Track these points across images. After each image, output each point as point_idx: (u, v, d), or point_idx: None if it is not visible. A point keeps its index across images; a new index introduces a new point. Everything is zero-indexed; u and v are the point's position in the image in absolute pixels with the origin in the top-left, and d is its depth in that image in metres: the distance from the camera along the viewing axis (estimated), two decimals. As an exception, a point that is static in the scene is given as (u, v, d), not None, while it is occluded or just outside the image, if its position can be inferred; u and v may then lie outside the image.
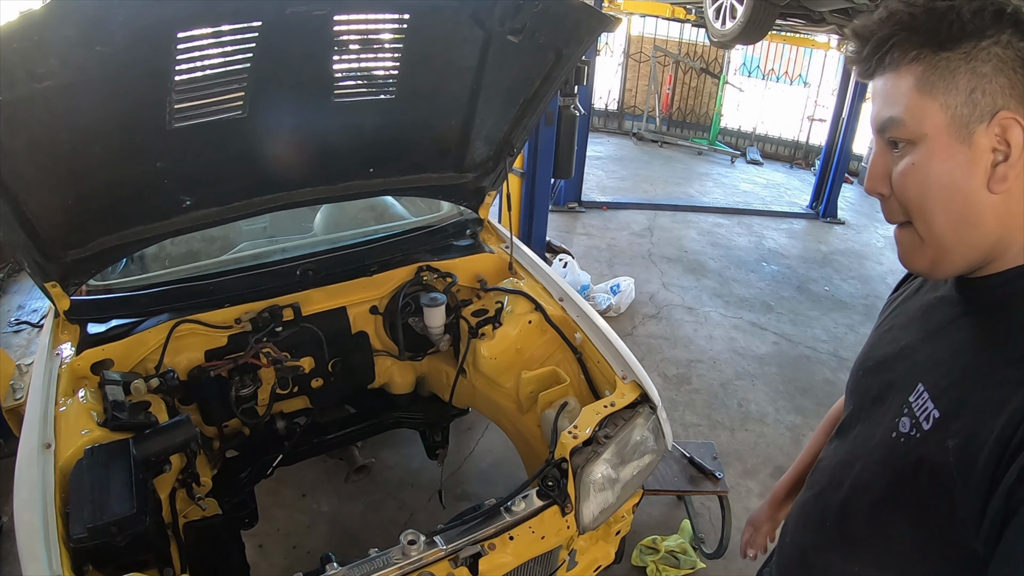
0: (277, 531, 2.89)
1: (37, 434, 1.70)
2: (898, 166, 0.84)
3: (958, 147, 0.79)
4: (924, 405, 0.84)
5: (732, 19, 5.00)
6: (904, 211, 0.86)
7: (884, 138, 0.87)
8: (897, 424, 0.88)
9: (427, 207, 3.15)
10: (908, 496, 0.85)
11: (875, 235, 7.95)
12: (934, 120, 0.79)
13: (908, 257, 0.90)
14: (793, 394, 4.42)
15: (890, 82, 0.83)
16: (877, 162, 0.88)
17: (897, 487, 0.87)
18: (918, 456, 0.83)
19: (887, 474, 0.89)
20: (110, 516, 1.49)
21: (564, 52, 2.15)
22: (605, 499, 1.92)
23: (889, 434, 0.89)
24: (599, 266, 6.00)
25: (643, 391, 2.09)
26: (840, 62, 8.71)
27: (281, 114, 1.97)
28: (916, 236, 0.86)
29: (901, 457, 0.86)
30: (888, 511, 0.90)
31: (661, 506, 3.25)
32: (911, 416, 0.86)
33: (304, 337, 2.40)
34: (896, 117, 0.82)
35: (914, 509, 0.85)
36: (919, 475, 0.82)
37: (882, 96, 0.85)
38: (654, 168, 9.89)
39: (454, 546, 1.64)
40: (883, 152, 0.87)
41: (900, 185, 0.85)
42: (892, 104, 0.83)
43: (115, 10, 1.38)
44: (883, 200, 0.90)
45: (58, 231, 1.91)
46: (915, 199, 0.84)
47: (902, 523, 0.88)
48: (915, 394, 0.87)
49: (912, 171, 0.82)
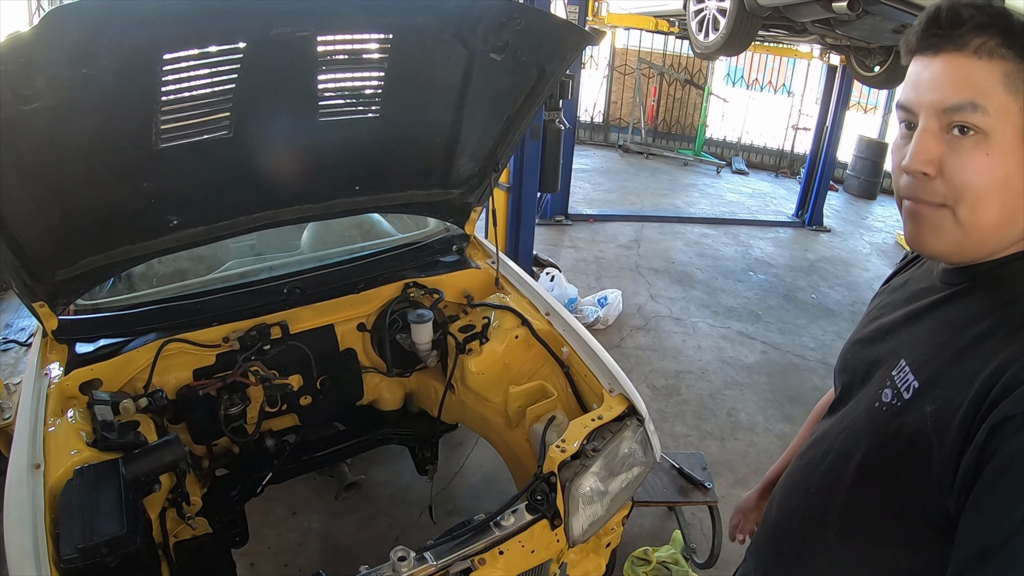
0: (268, 549, 2.87)
1: (26, 454, 1.69)
2: (962, 155, 0.85)
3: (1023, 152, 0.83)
4: (905, 377, 0.91)
5: (715, 31, 5.05)
6: (949, 195, 0.87)
7: (946, 121, 0.86)
8: (880, 395, 0.94)
9: (414, 223, 3.17)
10: (888, 460, 0.91)
11: (861, 242, 8.02)
12: (1014, 120, 0.82)
13: (926, 237, 0.92)
14: (782, 402, 4.44)
15: (975, 65, 0.83)
16: (928, 144, 0.87)
17: (878, 452, 0.93)
18: (899, 423, 0.88)
19: (869, 441, 0.95)
20: (100, 536, 1.48)
21: (547, 68, 2.17)
22: (594, 512, 1.93)
23: (872, 404, 0.96)
24: (587, 279, 6.02)
25: (630, 403, 2.10)
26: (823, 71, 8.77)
27: (267, 133, 1.98)
28: (950, 219, 0.88)
29: (883, 424, 0.92)
30: (869, 475, 0.95)
31: (652, 517, 3.26)
32: (893, 387, 0.92)
33: (292, 355, 2.40)
34: (981, 104, 0.82)
35: (893, 473, 0.90)
36: (899, 440, 0.88)
37: (959, 77, 0.84)
38: (640, 180, 9.94)
39: (444, 562, 1.64)
40: (936, 135, 0.87)
41: (961, 173, 0.85)
42: (975, 90, 0.83)
43: (101, 33, 1.39)
44: (923, 180, 0.89)
45: (46, 251, 1.91)
46: (977, 189, 0.85)
47: (880, 486, 0.92)
48: (897, 368, 0.93)
49: (984, 162, 0.84)
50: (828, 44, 6.66)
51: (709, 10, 5.15)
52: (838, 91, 7.95)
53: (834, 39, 5.86)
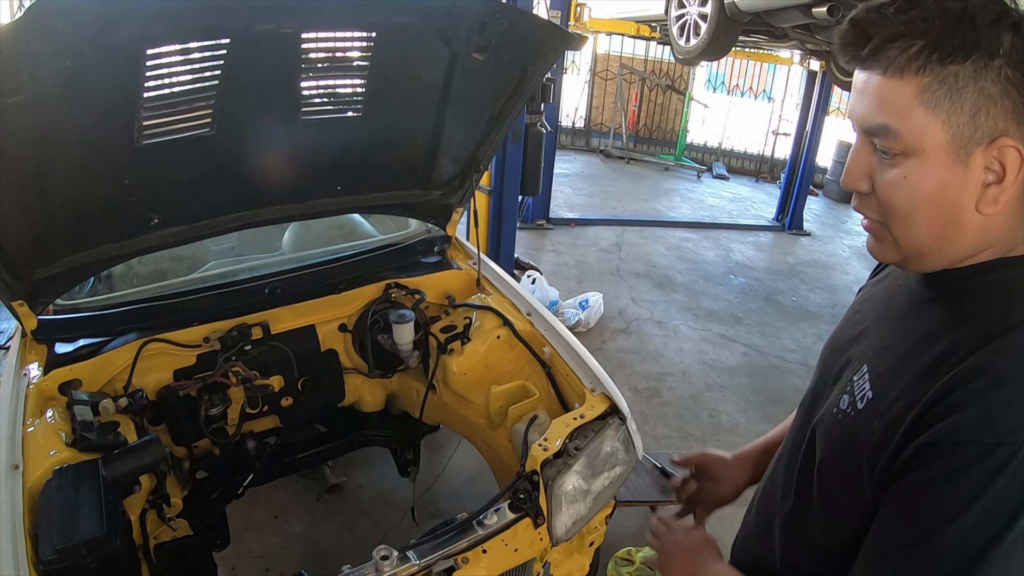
0: (250, 553, 2.85)
1: (5, 455, 1.67)
2: (887, 175, 0.81)
3: (954, 167, 0.77)
4: (863, 386, 0.90)
5: (696, 36, 5.09)
6: (881, 213, 0.85)
7: (870, 139, 0.83)
8: (839, 401, 0.94)
9: (394, 225, 3.16)
10: (841, 464, 0.91)
11: (841, 246, 8.12)
12: (934, 138, 0.76)
13: (879, 251, 0.90)
14: (764, 404, 4.49)
15: (887, 85, 0.77)
16: (859, 159, 0.84)
17: (832, 458, 0.94)
18: (851, 432, 0.89)
19: (826, 447, 0.95)
20: (79, 538, 1.46)
21: (529, 69, 2.18)
22: (577, 511, 1.93)
23: (831, 409, 0.96)
24: (568, 282, 6.04)
25: (612, 403, 2.11)
26: (803, 77, 8.87)
27: (249, 131, 1.97)
28: (888, 234, 0.86)
29: (838, 432, 0.92)
30: (821, 477, 0.96)
31: (635, 517, 3.27)
32: (851, 394, 0.92)
33: (273, 356, 2.38)
34: (893, 128, 0.78)
35: (844, 476, 0.90)
36: (851, 450, 0.88)
37: (874, 97, 0.79)
38: (621, 184, 10.01)
39: (427, 561, 1.64)
40: (866, 150, 0.83)
41: (887, 194, 0.82)
42: (888, 111, 0.78)
43: (86, 26, 1.37)
44: (861, 196, 0.87)
45: (25, 249, 1.89)
46: (901, 209, 0.82)
47: (836, 487, 0.93)
48: (859, 374, 0.92)
49: (904, 184, 0.80)
50: (808, 49, 6.74)
51: (690, 15, 5.19)
52: (818, 96, 8.06)
53: (814, 44, 5.93)
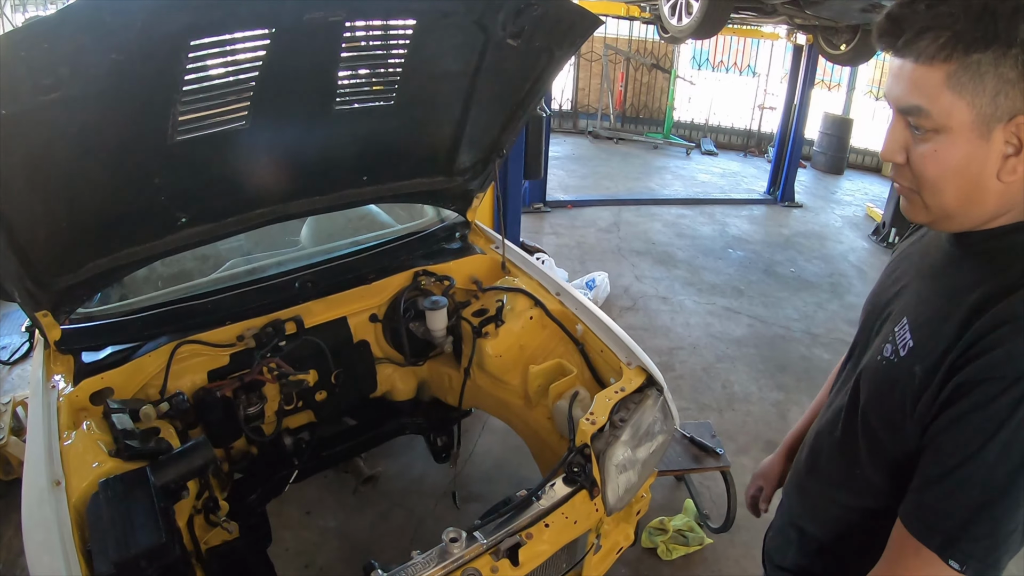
0: (287, 551, 2.84)
1: (44, 472, 1.62)
2: (919, 148, 0.93)
3: (978, 141, 0.88)
4: (904, 335, 1.01)
5: (688, 15, 5.10)
6: (914, 182, 0.96)
7: (905, 118, 0.94)
8: (883, 349, 1.05)
9: (408, 214, 3.16)
10: (884, 405, 1.03)
11: (832, 216, 8.18)
12: (960, 117, 0.87)
13: (912, 213, 1.01)
14: (773, 372, 4.54)
15: (919, 71, 0.89)
16: (896, 135, 0.95)
17: (876, 399, 1.05)
18: (894, 378, 1.00)
19: (870, 390, 1.07)
20: (137, 548, 1.43)
21: (557, 54, 2.19)
22: (628, 479, 1.97)
23: (875, 357, 1.07)
24: (571, 263, 6.05)
25: (649, 375, 2.14)
26: (788, 50, 8.88)
27: (282, 124, 1.96)
28: (920, 201, 0.97)
29: (882, 377, 1.04)
30: (871, 417, 1.07)
31: (662, 489, 3.31)
32: (893, 343, 1.03)
33: (307, 350, 2.38)
34: (924, 108, 0.89)
35: (887, 415, 1.02)
36: (893, 392, 0.99)
37: (908, 81, 0.90)
38: (613, 165, 10.01)
39: (494, 539, 1.66)
40: (901, 126, 0.95)
41: (919, 165, 0.93)
42: (919, 94, 0.89)
43: (135, 15, 1.32)
44: (897, 166, 0.98)
45: (50, 256, 1.84)
46: (931, 178, 0.93)
47: (880, 426, 1.04)
48: (900, 325, 1.04)
49: (934, 156, 0.91)
50: (796, 24, 6.76)
51: (682, -6, 5.20)
52: (804, 70, 8.06)
53: (802, 19, 5.95)
